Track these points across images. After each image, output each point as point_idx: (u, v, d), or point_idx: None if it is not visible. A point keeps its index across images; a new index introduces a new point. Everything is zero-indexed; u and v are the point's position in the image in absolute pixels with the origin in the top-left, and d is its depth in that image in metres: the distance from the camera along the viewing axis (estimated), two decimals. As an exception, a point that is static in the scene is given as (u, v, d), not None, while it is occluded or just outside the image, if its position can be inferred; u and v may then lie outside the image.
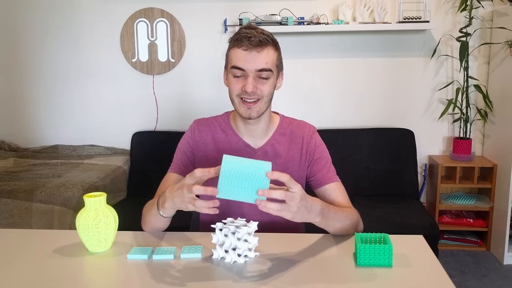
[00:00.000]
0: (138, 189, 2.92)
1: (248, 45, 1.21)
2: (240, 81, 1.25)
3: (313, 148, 1.37)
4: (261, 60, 1.22)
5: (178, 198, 1.07)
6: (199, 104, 3.06)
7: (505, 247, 2.67)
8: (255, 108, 1.26)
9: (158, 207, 1.19)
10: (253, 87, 1.23)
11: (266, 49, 1.23)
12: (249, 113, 1.26)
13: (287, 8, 2.87)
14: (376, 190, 2.87)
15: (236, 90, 1.26)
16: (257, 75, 1.24)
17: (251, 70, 1.23)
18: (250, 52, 1.22)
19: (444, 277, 1.01)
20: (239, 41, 1.23)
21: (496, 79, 2.81)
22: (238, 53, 1.23)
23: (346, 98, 3.03)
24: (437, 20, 2.86)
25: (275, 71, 1.27)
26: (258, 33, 1.22)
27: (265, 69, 1.23)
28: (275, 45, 1.27)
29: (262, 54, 1.22)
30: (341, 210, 1.23)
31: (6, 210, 2.27)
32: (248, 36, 1.21)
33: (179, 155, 1.38)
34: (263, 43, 1.22)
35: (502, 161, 2.72)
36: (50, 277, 1.04)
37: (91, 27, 3.03)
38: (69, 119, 3.15)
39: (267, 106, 1.30)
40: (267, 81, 1.25)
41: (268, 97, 1.28)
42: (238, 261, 1.09)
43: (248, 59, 1.22)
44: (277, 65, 1.28)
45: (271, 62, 1.25)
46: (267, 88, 1.26)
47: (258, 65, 1.22)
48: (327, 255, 1.14)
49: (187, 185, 1.03)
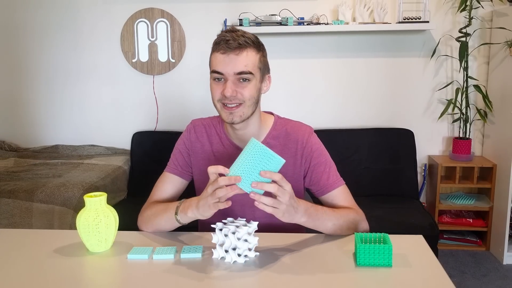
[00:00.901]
0: (139, 189, 2.92)
1: (226, 48, 1.18)
2: (220, 85, 1.21)
3: (309, 153, 1.32)
4: (240, 63, 1.19)
5: (203, 201, 1.10)
6: (199, 104, 3.07)
7: (505, 247, 2.67)
8: (237, 113, 1.22)
9: (177, 212, 1.20)
10: (232, 91, 1.19)
11: (245, 51, 1.19)
12: (231, 118, 1.22)
13: (287, 8, 2.87)
14: (376, 190, 2.87)
15: (216, 95, 1.22)
16: (236, 79, 1.20)
17: (229, 74, 1.19)
18: (228, 55, 1.18)
19: (443, 277, 1.01)
20: (217, 44, 1.20)
21: (496, 79, 2.81)
22: (217, 56, 1.20)
23: (346, 98, 3.03)
24: (437, 20, 2.87)
25: (257, 74, 1.23)
26: (238, 36, 1.19)
27: (245, 72, 1.19)
28: (257, 47, 1.23)
29: (240, 57, 1.18)
30: (332, 211, 1.23)
31: (6, 210, 2.27)
32: (226, 39, 1.18)
33: (176, 155, 1.39)
34: (242, 45, 1.18)
35: (502, 161, 2.72)
36: (50, 277, 1.04)
37: (91, 27, 3.03)
38: (69, 119, 3.16)
39: (252, 110, 1.24)
40: (248, 84, 1.21)
41: (251, 101, 1.22)
42: (238, 261, 1.09)
43: (227, 62, 1.19)
44: (260, 68, 1.23)
45: (252, 64, 1.20)
46: (248, 91, 1.21)
47: (236, 68, 1.19)
48: (327, 255, 1.14)
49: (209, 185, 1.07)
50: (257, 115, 1.30)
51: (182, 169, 1.37)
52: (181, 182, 1.38)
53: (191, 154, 1.37)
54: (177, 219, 1.20)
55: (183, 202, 1.20)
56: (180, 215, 1.19)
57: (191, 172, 1.38)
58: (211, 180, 1.08)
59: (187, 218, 1.19)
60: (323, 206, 1.22)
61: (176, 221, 1.21)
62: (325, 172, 1.32)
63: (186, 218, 1.19)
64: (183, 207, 1.18)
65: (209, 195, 1.07)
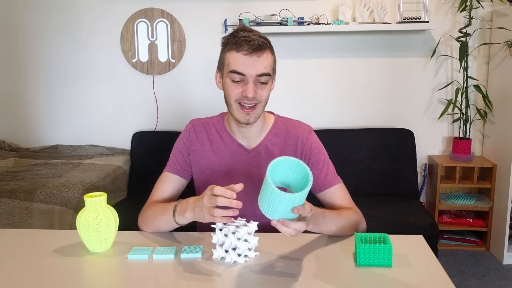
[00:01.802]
0: (138, 189, 2.91)
1: (248, 49, 1.18)
2: (240, 86, 1.22)
3: (308, 150, 1.34)
4: (261, 65, 1.20)
5: (198, 208, 1.09)
6: (199, 104, 3.07)
7: (505, 247, 2.67)
8: (253, 114, 1.25)
9: (174, 214, 1.19)
10: (254, 92, 1.21)
11: (265, 53, 1.21)
12: (247, 119, 1.25)
13: (287, 8, 2.87)
14: (376, 190, 2.87)
15: (235, 95, 1.23)
16: (256, 80, 1.22)
17: (251, 75, 1.21)
18: (250, 57, 1.19)
19: (443, 277, 1.02)
20: (238, 44, 1.19)
21: (496, 79, 2.81)
22: (238, 57, 1.20)
23: (346, 98, 3.03)
24: (437, 20, 2.87)
25: (272, 75, 1.27)
26: (257, 37, 1.20)
27: (265, 74, 1.22)
28: (271, 48, 1.26)
29: (262, 59, 1.20)
30: (337, 214, 1.23)
31: (6, 210, 2.27)
32: (247, 40, 1.18)
33: (175, 154, 1.39)
34: (262, 47, 1.20)
35: (502, 161, 2.72)
36: (50, 277, 1.04)
37: (91, 27, 3.03)
38: (69, 119, 3.16)
39: (263, 110, 1.29)
40: (266, 86, 1.25)
41: (266, 101, 1.27)
42: (238, 261, 1.09)
43: (249, 63, 1.19)
44: (273, 69, 1.28)
45: (270, 66, 1.24)
46: (266, 92, 1.25)
47: (258, 70, 1.21)
48: (327, 255, 1.14)
49: (208, 195, 1.06)
50: (263, 113, 1.34)
51: (181, 169, 1.37)
52: (181, 182, 1.38)
53: (191, 153, 1.37)
54: (175, 221, 1.20)
55: (180, 204, 1.20)
56: (178, 217, 1.19)
57: (190, 172, 1.39)
58: (208, 192, 1.07)
59: (185, 220, 1.19)
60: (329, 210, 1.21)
61: (174, 223, 1.22)
62: (324, 170, 1.33)
63: (185, 220, 1.19)
64: (180, 209, 1.18)
65: (205, 207, 1.07)
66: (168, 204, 1.26)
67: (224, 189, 1.04)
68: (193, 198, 1.16)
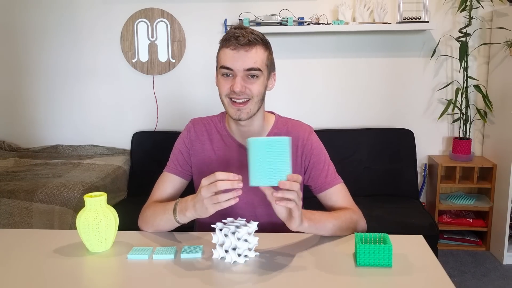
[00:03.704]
0: (139, 189, 2.92)
1: (236, 44, 1.20)
2: (229, 81, 1.23)
3: (309, 150, 1.34)
4: (249, 59, 1.21)
5: (199, 204, 1.08)
6: (199, 104, 3.07)
7: (505, 247, 2.67)
8: (245, 110, 1.24)
9: (175, 213, 1.19)
10: (242, 86, 1.21)
11: (254, 48, 1.22)
12: (239, 115, 1.25)
13: (287, 8, 2.87)
14: (376, 190, 2.87)
15: (224, 90, 1.24)
16: (245, 75, 1.22)
17: (239, 70, 1.21)
18: (238, 51, 1.20)
19: (443, 277, 1.02)
20: (227, 40, 1.22)
21: (496, 79, 2.81)
22: (227, 52, 1.22)
23: (346, 98, 3.03)
24: (437, 20, 2.87)
25: (265, 71, 1.26)
26: (247, 33, 1.21)
27: (254, 68, 1.22)
28: (265, 45, 1.26)
29: (250, 53, 1.21)
30: (328, 213, 1.23)
31: (6, 210, 2.27)
32: (236, 36, 1.20)
33: (176, 154, 1.39)
34: (251, 42, 1.21)
35: (502, 161, 2.72)
36: (50, 277, 1.04)
37: (91, 27, 3.03)
38: (69, 119, 3.16)
39: (258, 106, 1.27)
40: (257, 81, 1.24)
41: (258, 97, 1.25)
42: (238, 261, 1.09)
43: (236, 58, 1.21)
44: (267, 65, 1.26)
45: (260, 61, 1.23)
46: (256, 87, 1.24)
47: (246, 64, 1.21)
48: (327, 255, 1.14)
49: (205, 186, 1.05)
50: (262, 113, 1.33)
51: (181, 169, 1.37)
52: (181, 183, 1.38)
53: (191, 153, 1.37)
54: (176, 220, 1.20)
55: (180, 203, 1.20)
56: (179, 216, 1.19)
57: (190, 172, 1.38)
58: (205, 183, 1.06)
59: (186, 218, 1.19)
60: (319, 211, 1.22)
61: (176, 222, 1.21)
62: (324, 170, 1.34)
63: (185, 218, 1.19)
64: (181, 208, 1.18)
65: (205, 198, 1.06)
66: (168, 203, 1.26)
67: (225, 172, 1.04)
68: (190, 196, 1.16)
